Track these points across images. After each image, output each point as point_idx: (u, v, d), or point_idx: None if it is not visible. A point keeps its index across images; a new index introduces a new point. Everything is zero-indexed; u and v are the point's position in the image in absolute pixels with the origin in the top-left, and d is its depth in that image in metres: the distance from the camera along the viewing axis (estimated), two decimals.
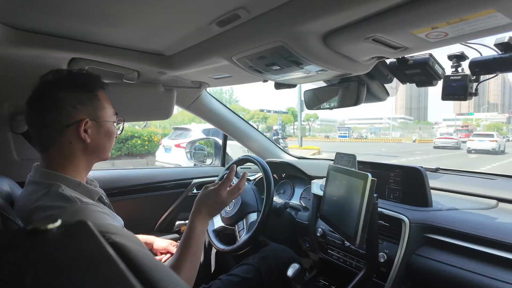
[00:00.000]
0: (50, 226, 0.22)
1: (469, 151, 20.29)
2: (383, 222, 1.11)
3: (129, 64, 1.20)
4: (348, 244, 1.23)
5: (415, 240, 1.03)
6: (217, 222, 1.46)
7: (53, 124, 0.80)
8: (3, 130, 1.17)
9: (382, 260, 1.07)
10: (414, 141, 35.72)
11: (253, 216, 1.37)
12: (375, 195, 0.95)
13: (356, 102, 1.15)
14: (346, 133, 45.31)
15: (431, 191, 1.16)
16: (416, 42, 0.71)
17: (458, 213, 1.09)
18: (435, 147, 24.55)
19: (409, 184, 1.20)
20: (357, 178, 0.98)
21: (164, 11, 0.80)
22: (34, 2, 0.76)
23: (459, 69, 0.93)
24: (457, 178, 1.51)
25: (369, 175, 0.92)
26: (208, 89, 1.68)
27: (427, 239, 1.03)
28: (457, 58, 0.92)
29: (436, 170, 1.57)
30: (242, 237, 1.30)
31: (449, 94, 0.93)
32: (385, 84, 1.19)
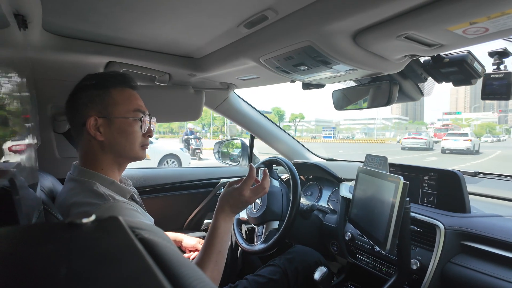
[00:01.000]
0: (85, 220, 0.23)
1: (443, 151, 19.36)
2: (415, 228, 1.06)
3: (161, 67, 1.25)
4: (378, 249, 1.19)
5: (450, 247, 0.97)
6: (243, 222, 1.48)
7: (75, 123, 0.86)
8: (47, 130, 1.26)
9: (414, 267, 1.02)
10: (398, 141, 34.13)
11: (274, 224, 1.35)
12: (407, 199, 0.91)
13: (388, 102, 1.11)
14: (331, 134, 44.94)
15: (469, 196, 1.10)
16: (453, 38, 0.67)
17: (498, 220, 1.02)
18: (402, 148, 23.25)
19: (445, 188, 1.14)
20: (388, 181, 0.95)
21: (194, 15, 0.82)
22: (74, 10, 0.81)
23: (502, 67, 0.86)
24: (498, 183, 1.41)
25: (401, 178, 0.89)
26: (236, 90, 1.71)
27: (463, 246, 0.97)
28: (499, 55, 0.86)
29: (475, 174, 1.48)
30: (258, 244, 1.30)
31: (489, 93, 0.87)
32: (419, 84, 1.14)
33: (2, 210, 0.43)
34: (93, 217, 0.24)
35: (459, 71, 0.94)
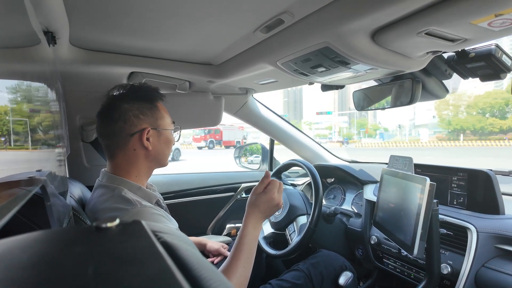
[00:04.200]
0: (110, 224, 0.24)
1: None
2: (445, 231, 1.02)
3: (181, 75, 1.28)
4: (405, 253, 1.14)
5: (484, 251, 0.92)
6: (267, 229, 1.46)
7: (119, 133, 0.88)
8: (75, 139, 1.32)
9: (445, 272, 0.98)
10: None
11: (303, 219, 1.35)
12: (435, 200, 0.87)
13: (411, 101, 1.07)
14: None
15: (503, 196, 1.04)
16: (477, 32, 0.64)
17: None
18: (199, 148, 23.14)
19: (475, 188, 1.08)
20: (414, 183, 0.92)
21: (213, 24, 0.84)
22: (98, 26, 0.85)
23: None
24: None
25: (427, 179, 0.86)
26: (254, 95, 1.72)
27: (499, 250, 0.92)
28: None
29: (509, 173, 1.40)
30: (294, 239, 1.29)
31: None
32: (443, 81, 1.09)
33: (36, 214, 0.45)
34: (117, 221, 0.25)
35: (487, 66, 0.89)
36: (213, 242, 1.35)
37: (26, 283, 0.16)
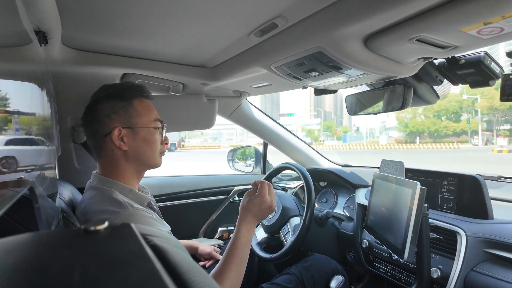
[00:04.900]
0: (99, 227, 0.24)
1: None
2: (435, 235, 1.03)
3: (175, 77, 1.28)
4: (396, 257, 1.15)
5: (473, 255, 0.93)
6: (260, 234, 1.46)
7: (96, 135, 0.88)
8: (66, 141, 1.30)
9: (435, 275, 0.99)
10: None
11: (296, 220, 1.35)
12: (425, 205, 0.88)
13: (402, 106, 1.09)
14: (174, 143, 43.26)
15: (492, 201, 1.05)
16: (467, 40, 0.66)
17: None
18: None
19: (465, 193, 1.10)
20: (405, 187, 0.93)
21: (207, 27, 0.84)
22: (91, 26, 0.85)
23: None
24: None
25: (418, 183, 0.87)
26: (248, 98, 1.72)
27: (487, 254, 0.93)
28: None
29: (497, 178, 1.42)
30: (289, 239, 1.29)
31: (509, 94, 0.84)
32: (434, 86, 1.11)
33: (24, 216, 0.45)
34: (106, 224, 0.24)
35: (476, 73, 0.91)
36: (205, 245, 1.34)
37: None
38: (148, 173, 1.02)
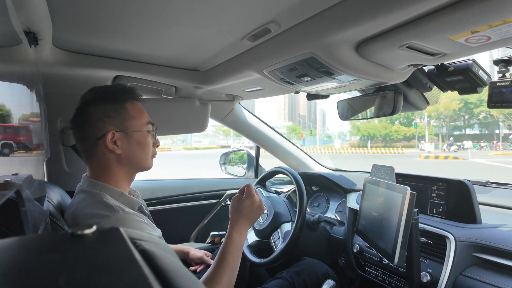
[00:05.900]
0: (86, 231, 0.24)
1: None
2: (425, 239, 1.04)
3: (167, 80, 1.27)
4: (386, 261, 1.16)
5: (462, 259, 0.94)
6: (251, 237, 1.45)
7: (87, 138, 0.86)
8: (56, 143, 1.28)
9: (425, 280, 0.99)
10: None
11: (287, 226, 1.35)
12: (415, 209, 0.89)
13: (393, 112, 1.11)
14: None
15: (480, 206, 1.07)
16: (455, 47, 0.67)
17: (511, 231, 0.99)
18: None
19: (454, 198, 1.11)
20: (395, 192, 0.94)
21: (200, 30, 0.85)
22: (83, 27, 0.84)
23: (507, 75, 0.86)
24: (510, 193, 1.37)
25: (408, 188, 0.88)
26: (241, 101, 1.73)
27: (475, 259, 0.94)
28: (505, 63, 0.86)
29: (485, 184, 1.45)
30: (279, 246, 1.28)
31: (496, 101, 0.86)
32: (424, 93, 1.13)
33: (10, 220, 0.44)
34: (94, 228, 0.24)
35: (465, 80, 0.93)
36: (196, 250, 1.32)
37: None
38: (138, 176, 1.01)
